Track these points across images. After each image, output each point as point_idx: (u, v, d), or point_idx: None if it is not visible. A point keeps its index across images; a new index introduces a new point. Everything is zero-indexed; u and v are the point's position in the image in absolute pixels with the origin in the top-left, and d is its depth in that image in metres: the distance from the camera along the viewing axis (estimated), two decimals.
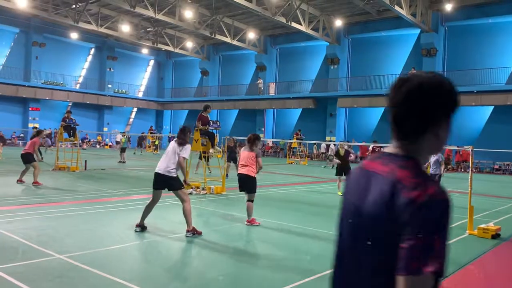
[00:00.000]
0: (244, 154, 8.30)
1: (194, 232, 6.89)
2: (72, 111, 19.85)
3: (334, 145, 30.66)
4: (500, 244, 7.38)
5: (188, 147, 7.22)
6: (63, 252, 5.66)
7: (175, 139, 7.35)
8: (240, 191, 8.37)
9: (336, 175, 13.45)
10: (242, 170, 8.18)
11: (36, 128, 17.91)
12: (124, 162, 22.26)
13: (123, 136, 24.85)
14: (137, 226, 7.11)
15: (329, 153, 29.27)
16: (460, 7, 27.96)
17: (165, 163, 7.05)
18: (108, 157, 26.57)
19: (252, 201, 8.16)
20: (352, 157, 13.83)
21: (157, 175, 7.07)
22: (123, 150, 23.15)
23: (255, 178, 8.18)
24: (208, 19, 33.90)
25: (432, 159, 11.80)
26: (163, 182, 7.03)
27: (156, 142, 35.63)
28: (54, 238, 6.47)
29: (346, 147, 13.92)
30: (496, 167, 27.38)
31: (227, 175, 16.41)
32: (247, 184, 8.12)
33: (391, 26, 31.37)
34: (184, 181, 7.43)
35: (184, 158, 7.09)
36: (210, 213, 9.32)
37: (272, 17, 28.55)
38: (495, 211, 10.93)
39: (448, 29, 30.35)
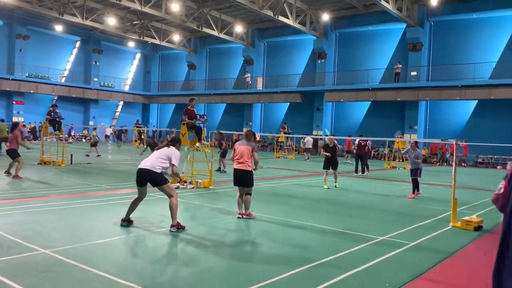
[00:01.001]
0: (240, 148, 8.28)
1: (178, 227, 6.89)
2: (57, 104, 19.60)
3: (321, 139, 30.81)
4: (482, 236, 7.53)
5: (178, 154, 7.21)
6: (48, 246, 5.62)
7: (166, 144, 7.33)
8: (234, 185, 8.35)
9: (324, 168, 13.56)
10: (239, 166, 8.19)
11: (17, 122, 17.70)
12: (99, 155, 22.18)
13: (94, 130, 25.02)
14: (123, 220, 7.09)
15: (307, 146, 29.41)
16: (445, 2, 28.23)
17: (151, 161, 7.02)
18: (94, 151, 26.31)
19: (250, 194, 8.26)
20: (339, 149, 13.96)
21: (140, 171, 7.02)
22: (95, 144, 23.11)
23: (252, 172, 8.22)
24: (195, 12, 33.67)
25: (411, 155, 11.93)
26: (146, 178, 6.96)
27: (143, 136, 35.16)
28: (39, 232, 6.42)
29: (335, 141, 13.98)
30: (480, 160, 27.80)
31: (225, 170, 16.83)
32: (246, 179, 8.16)
33: (377, 21, 31.54)
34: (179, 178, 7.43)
35: (176, 166, 7.09)
36: (197, 207, 9.33)
37: (260, 10, 28.48)
38: (478, 204, 11.14)
39: (433, 24, 30.61)
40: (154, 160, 7.01)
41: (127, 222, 7.08)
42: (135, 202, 7.18)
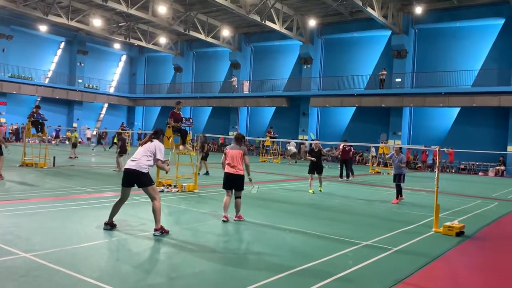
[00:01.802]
0: (231, 152, 8.29)
1: (162, 231, 6.82)
2: (40, 106, 19.31)
3: (303, 143, 30.90)
4: (464, 241, 7.63)
5: (162, 147, 7.13)
6: (28, 250, 5.52)
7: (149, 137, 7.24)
8: (224, 188, 8.35)
9: (308, 173, 13.61)
10: (231, 170, 8.21)
11: None
12: (76, 157, 21.97)
13: (73, 132, 24.74)
14: (105, 224, 7.00)
15: (291, 150, 29.59)
16: (429, 11, 28.69)
17: (137, 160, 6.93)
18: (78, 154, 25.99)
19: (240, 197, 8.35)
20: (324, 153, 14.02)
21: (127, 170, 6.93)
22: (74, 145, 22.87)
23: (243, 176, 8.27)
24: (182, 15, 33.61)
25: (395, 160, 12.03)
26: (133, 178, 6.87)
27: (115, 140, 33.99)
28: (19, 236, 6.30)
29: (320, 145, 14.03)
30: (462, 166, 28.23)
31: (207, 172, 16.87)
32: (237, 183, 8.21)
33: (363, 27, 31.92)
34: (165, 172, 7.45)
35: (161, 160, 7.03)
36: (182, 211, 9.27)
37: (247, 15, 28.56)
38: (460, 210, 11.29)
39: (418, 32, 31.08)
40: (140, 159, 6.90)
41: (110, 226, 6.99)
42: (117, 204, 7.07)
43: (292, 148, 29.89)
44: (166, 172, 7.58)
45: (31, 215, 7.92)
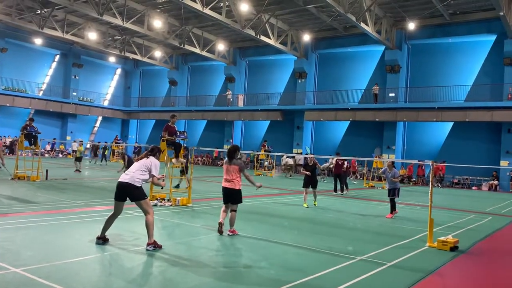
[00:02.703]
0: (227, 168, 8.44)
1: (155, 246, 6.76)
2: (34, 118, 19.22)
3: (293, 157, 30.88)
4: (458, 256, 7.62)
5: (157, 164, 7.18)
6: (19, 265, 5.45)
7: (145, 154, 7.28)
8: (224, 202, 8.49)
9: (303, 187, 13.57)
10: (227, 184, 8.36)
11: None
12: (79, 171, 21.92)
13: (80, 145, 24.41)
14: (98, 238, 6.93)
15: (288, 161, 29.78)
16: (422, 27, 29.06)
17: (131, 174, 6.91)
18: (70, 167, 25.86)
19: (235, 210, 8.45)
20: (319, 168, 13.97)
21: (120, 184, 6.90)
22: (78, 159, 22.76)
23: (240, 190, 8.38)
24: (178, 29, 33.81)
25: (388, 175, 12.05)
26: (126, 192, 6.84)
27: (106, 152, 33.63)
28: (10, 250, 6.22)
29: (315, 159, 14.03)
30: (456, 181, 28.32)
31: (178, 185, 15.46)
32: (234, 197, 8.34)
33: (357, 43, 32.25)
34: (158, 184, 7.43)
35: (157, 177, 7.08)
36: (175, 225, 9.20)
37: (242, 30, 28.78)
38: (454, 224, 11.29)
39: (411, 47, 31.43)
40: (134, 173, 6.91)
41: (102, 240, 6.92)
42: (110, 218, 7.01)
43: (289, 160, 29.98)
44: (162, 188, 7.59)
45: (22, 229, 7.82)
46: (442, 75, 29.65)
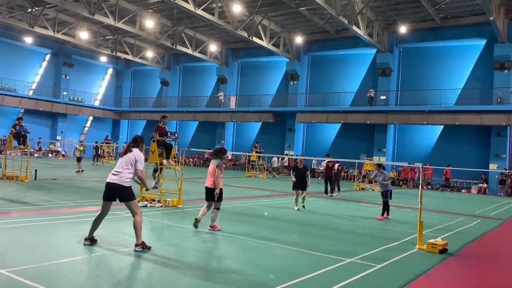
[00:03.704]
0: (209, 167, 8.78)
1: (143, 247, 6.68)
2: (23, 118, 19.02)
3: (282, 158, 30.96)
4: (447, 258, 7.65)
5: (142, 156, 7.02)
6: (5, 266, 5.36)
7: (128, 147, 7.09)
8: (206, 200, 8.83)
9: (293, 189, 13.29)
10: (206, 183, 8.75)
11: None
12: (82, 171, 21.95)
13: (80, 145, 24.20)
14: (86, 239, 6.85)
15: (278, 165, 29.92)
16: (413, 30, 29.25)
17: (119, 174, 6.81)
18: (60, 167, 25.65)
19: (218, 208, 8.75)
20: (308, 171, 13.67)
21: (108, 185, 6.79)
22: (79, 159, 22.64)
23: (214, 189, 8.54)
24: (170, 30, 33.70)
25: (379, 178, 12.08)
26: (114, 193, 6.74)
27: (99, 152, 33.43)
28: None
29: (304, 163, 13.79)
30: (446, 184, 28.47)
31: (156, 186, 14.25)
32: (211, 196, 8.63)
33: (349, 45, 32.39)
34: (146, 189, 7.33)
35: (141, 170, 6.92)
36: (165, 227, 9.14)
37: (234, 31, 28.76)
38: (443, 227, 11.35)
39: (402, 50, 31.63)
40: (122, 173, 6.76)
41: (90, 241, 6.84)
42: (97, 219, 6.90)
43: (275, 160, 30.12)
44: (146, 189, 7.43)
45: (9, 229, 7.72)
46: (433, 78, 29.86)
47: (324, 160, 19.75)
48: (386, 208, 12.07)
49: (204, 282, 5.49)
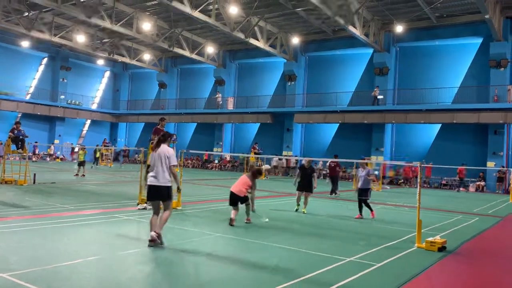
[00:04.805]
0: (243, 178, 9.75)
1: (158, 237, 7.06)
2: (21, 122, 19.00)
3: (280, 159, 31.04)
4: (446, 256, 7.69)
5: (172, 151, 7.29)
6: (5, 270, 5.38)
7: (159, 144, 7.25)
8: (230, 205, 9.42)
9: (297, 190, 12.75)
10: (233, 189, 9.77)
11: None
12: (83, 175, 21.89)
13: (82, 149, 24.14)
14: (150, 241, 7.10)
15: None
16: (410, 29, 29.34)
17: (161, 175, 7.11)
18: (59, 171, 25.63)
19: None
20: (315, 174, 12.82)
21: (153, 187, 7.11)
22: (81, 163, 22.55)
23: (240, 196, 9.64)
24: (167, 32, 33.70)
25: (362, 173, 11.92)
26: (160, 193, 7.16)
27: (97, 155, 33.37)
28: None
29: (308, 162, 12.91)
30: (444, 182, 28.58)
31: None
32: (235, 200, 9.61)
33: (346, 45, 32.46)
34: (178, 188, 7.48)
35: (175, 166, 7.24)
36: (164, 229, 9.13)
37: (231, 32, 28.78)
38: (442, 225, 11.40)
39: (399, 50, 31.72)
40: (164, 172, 7.10)
41: (158, 237, 7.13)
42: (154, 218, 7.27)
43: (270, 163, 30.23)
44: (178, 189, 7.70)
45: (9, 233, 7.73)
46: (430, 77, 29.95)
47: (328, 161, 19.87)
48: (365, 206, 11.87)
49: (205, 282, 5.51)
